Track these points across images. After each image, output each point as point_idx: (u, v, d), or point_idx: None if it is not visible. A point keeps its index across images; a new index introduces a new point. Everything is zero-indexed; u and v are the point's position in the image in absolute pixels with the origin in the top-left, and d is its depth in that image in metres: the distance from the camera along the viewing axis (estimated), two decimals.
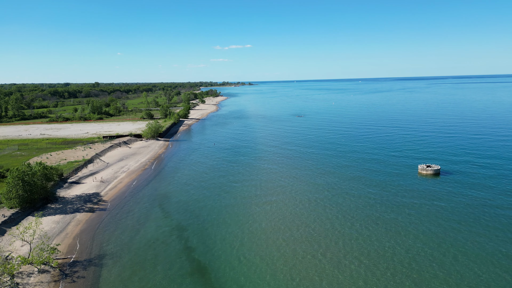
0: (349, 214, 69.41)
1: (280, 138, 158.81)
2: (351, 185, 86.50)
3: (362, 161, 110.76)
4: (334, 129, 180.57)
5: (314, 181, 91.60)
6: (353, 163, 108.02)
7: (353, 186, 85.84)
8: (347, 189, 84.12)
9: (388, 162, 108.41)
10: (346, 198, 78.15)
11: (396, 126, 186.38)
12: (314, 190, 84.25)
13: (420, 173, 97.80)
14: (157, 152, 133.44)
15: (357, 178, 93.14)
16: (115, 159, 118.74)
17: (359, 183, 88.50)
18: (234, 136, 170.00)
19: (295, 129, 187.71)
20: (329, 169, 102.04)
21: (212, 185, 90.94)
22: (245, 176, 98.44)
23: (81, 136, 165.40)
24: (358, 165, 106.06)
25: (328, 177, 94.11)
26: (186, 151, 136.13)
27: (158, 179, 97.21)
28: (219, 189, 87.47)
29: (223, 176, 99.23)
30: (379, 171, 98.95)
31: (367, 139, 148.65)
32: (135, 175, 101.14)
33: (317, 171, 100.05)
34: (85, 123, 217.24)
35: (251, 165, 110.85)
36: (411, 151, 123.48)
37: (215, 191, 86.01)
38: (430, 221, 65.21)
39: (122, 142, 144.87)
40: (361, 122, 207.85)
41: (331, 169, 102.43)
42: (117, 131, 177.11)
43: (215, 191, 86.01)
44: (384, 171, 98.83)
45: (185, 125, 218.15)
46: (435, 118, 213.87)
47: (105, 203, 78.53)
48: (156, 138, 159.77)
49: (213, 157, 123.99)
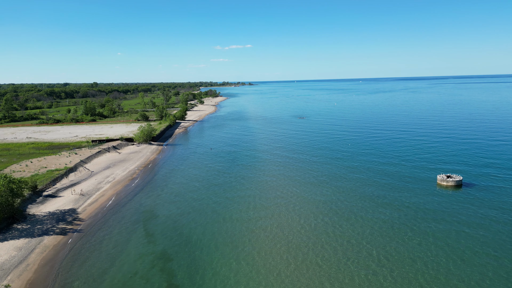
0: (358, 245, 58.81)
1: (280, 143, 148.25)
2: (361, 205, 75.53)
3: (372, 172, 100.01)
4: (339, 133, 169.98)
5: (317, 198, 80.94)
6: (362, 175, 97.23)
7: (363, 206, 74.81)
8: (356, 209, 73.27)
9: (401, 172, 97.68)
10: (354, 222, 67.33)
11: (405, 129, 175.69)
12: (318, 210, 73.52)
13: (439, 184, 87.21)
14: (149, 158, 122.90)
15: (367, 195, 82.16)
16: (101, 167, 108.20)
17: (369, 201, 77.54)
18: (232, 140, 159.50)
19: (297, 132, 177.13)
20: (334, 183, 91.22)
21: (205, 200, 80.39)
22: (242, 191, 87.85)
23: (69, 140, 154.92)
24: (368, 177, 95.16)
25: (333, 194, 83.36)
26: (179, 157, 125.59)
27: (145, 191, 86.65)
28: (212, 205, 76.94)
29: (217, 190, 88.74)
30: (392, 184, 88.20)
31: (375, 145, 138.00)
32: (120, 186, 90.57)
33: (321, 186, 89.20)
34: (76, 126, 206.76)
35: (248, 177, 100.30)
36: (425, 158, 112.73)
37: (208, 208, 75.47)
38: (462, 258, 54.55)
39: (111, 147, 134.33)
40: (367, 125, 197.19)
41: (336, 182, 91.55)
42: (108, 135, 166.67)
43: (208, 208, 75.47)
44: (397, 185, 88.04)
45: (181, 127, 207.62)
46: (445, 121, 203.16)
47: (81, 223, 67.99)
48: (149, 142, 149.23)
49: (208, 164, 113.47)
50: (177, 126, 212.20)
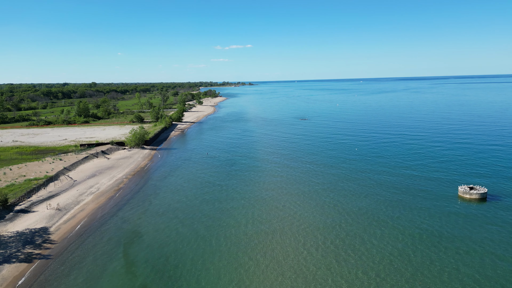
0: (370, 272, 49.39)
1: (281, 149, 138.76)
2: (371, 230, 65.80)
3: (383, 185, 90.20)
4: (343, 137, 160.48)
5: (322, 220, 71.38)
6: (372, 189, 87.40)
7: (374, 232, 65.45)
8: (366, 235, 63.71)
9: (416, 184, 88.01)
10: (364, 252, 57.97)
11: (415, 133, 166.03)
12: (323, 236, 64.01)
13: (461, 197, 77.74)
14: (139, 165, 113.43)
15: (378, 215, 72.68)
16: (86, 175, 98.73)
17: (381, 223, 67.91)
18: (230, 144, 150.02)
19: (299, 136, 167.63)
20: (341, 200, 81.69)
21: (197, 217, 70.93)
22: (238, 209, 78.48)
23: (57, 144, 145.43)
24: (379, 192, 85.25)
25: (339, 214, 73.72)
26: (172, 163, 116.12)
27: (131, 205, 77.16)
28: (204, 223, 67.50)
29: (211, 206, 79.28)
30: (407, 201, 78.60)
31: (384, 151, 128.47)
32: (104, 199, 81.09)
33: (326, 204, 79.37)
34: (67, 128, 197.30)
35: (246, 191, 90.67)
36: (442, 167, 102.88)
37: (200, 226, 66.03)
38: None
39: (100, 152, 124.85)
40: (374, 128, 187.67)
41: (343, 199, 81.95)
42: (100, 138, 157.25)
43: (200, 226, 66.03)
44: (413, 201, 78.33)
45: (178, 129, 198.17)
46: (456, 123, 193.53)
47: (52, 246, 58.54)
48: (141, 147, 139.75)
49: (203, 173, 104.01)
50: (173, 128, 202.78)
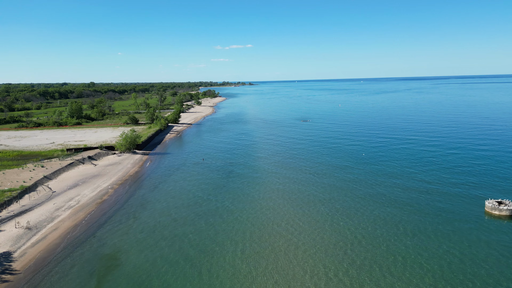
0: None
1: (282, 155, 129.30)
2: (387, 256, 56.69)
3: (396, 199, 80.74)
4: (349, 141, 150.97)
5: (330, 240, 62.10)
6: (383, 204, 77.74)
7: (391, 261, 56.11)
8: (380, 259, 54.44)
9: (434, 198, 78.56)
10: (384, 279, 48.61)
11: (426, 138, 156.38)
12: (330, 261, 54.64)
13: (489, 213, 68.37)
14: (128, 173, 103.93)
15: (393, 239, 63.41)
16: (67, 185, 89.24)
17: (400, 250, 58.74)
18: (228, 148, 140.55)
19: (301, 141, 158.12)
20: (348, 219, 71.95)
21: (187, 239, 61.53)
22: (232, 233, 69.11)
23: (43, 148, 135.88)
24: (393, 208, 75.83)
25: (349, 233, 64.29)
26: (165, 170, 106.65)
27: (112, 223, 67.69)
28: (195, 249, 58.07)
29: (204, 223, 69.91)
30: (425, 219, 69.25)
31: (394, 157, 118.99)
32: (83, 214, 71.61)
33: (333, 223, 69.85)
34: (57, 130, 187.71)
35: (245, 209, 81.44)
36: (461, 178, 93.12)
37: (190, 254, 56.60)
38: None
39: (86, 158, 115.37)
40: (380, 130, 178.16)
41: (351, 219, 72.14)
42: (90, 141, 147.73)
43: (190, 254, 56.60)
44: (432, 218, 69.10)
45: (174, 131, 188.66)
46: (468, 128, 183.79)
47: (11, 278, 49.11)
48: (133, 151, 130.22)
49: (197, 183, 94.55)
50: (169, 130, 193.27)
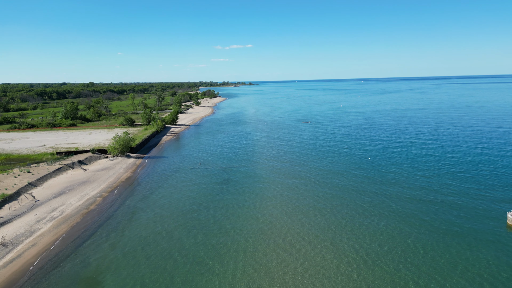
0: None
1: (283, 160, 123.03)
2: (405, 281, 50.51)
3: (410, 213, 74.51)
4: (353, 144, 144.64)
5: (338, 262, 55.82)
6: (395, 219, 71.50)
7: (395, 277, 49.78)
8: (386, 275, 48.16)
9: (446, 207, 72.39)
10: None
11: (433, 141, 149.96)
12: (333, 276, 48.38)
13: (511, 226, 62.15)
14: (119, 179, 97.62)
15: (400, 242, 57.16)
16: (52, 193, 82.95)
17: (405, 259, 52.41)
18: (227, 151, 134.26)
19: (303, 144, 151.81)
20: (358, 238, 65.73)
21: (174, 261, 55.25)
22: (227, 253, 62.90)
23: (33, 151, 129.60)
24: (406, 225, 69.64)
25: (358, 261, 58.26)
26: (159, 176, 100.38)
27: (96, 239, 61.40)
28: (182, 275, 51.79)
29: (197, 239, 63.68)
30: (435, 224, 63.03)
31: (402, 162, 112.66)
32: (65, 227, 65.34)
33: (340, 240, 63.84)
34: (50, 132, 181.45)
35: (243, 219, 75.21)
36: (476, 187, 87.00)
37: (174, 278, 50.31)
38: None
39: (76, 162, 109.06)
40: (384, 132, 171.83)
41: (360, 237, 65.99)
42: (82, 143, 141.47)
43: (174, 278, 50.31)
44: (443, 227, 62.86)
45: (171, 133, 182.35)
46: (475, 131, 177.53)
47: None
48: (126, 155, 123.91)
49: (192, 190, 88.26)
50: (166, 131, 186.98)
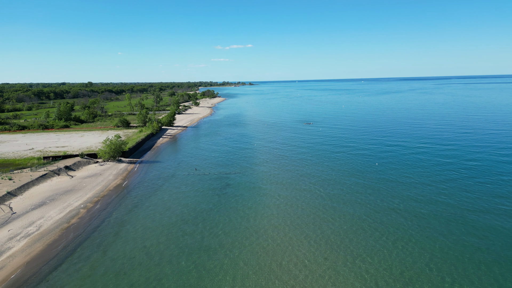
0: None
1: (284, 162, 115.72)
2: None
3: (421, 220, 67.31)
4: (357, 146, 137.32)
5: (343, 280, 48.51)
6: (403, 227, 64.63)
7: None
8: None
9: (467, 226, 65.09)
10: None
11: (443, 144, 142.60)
12: None
13: None
14: (108, 187, 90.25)
15: (420, 269, 49.89)
16: (32, 204, 75.62)
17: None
18: (225, 155, 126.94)
19: (304, 146, 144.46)
20: (365, 246, 58.68)
21: (161, 285, 47.97)
22: (220, 272, 55.58)
23: (20, 155, 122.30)
24: (415, 230, 62.60)
25: (366, 274, 50.92)
26: (151, 183, 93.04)
27: (74, 260, 54.04)
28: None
29: (185, 264, 56.42)
30: (458, 248, 55.72)
31: (412, 166, 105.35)
32: (40, 246, 57.99)
33: (345, 253, 56.61)
34: (41, 134, 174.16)
35: (235, 237, 67.97)
36: (501, 200, 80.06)
37: None
38: None
39: (63, 168, 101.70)
40: (390, 134, 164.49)
41: (368, 244, 59.05)
42: (73, 147, 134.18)
43: None
44: (467, 251, 55.53)
45: (167, 135, 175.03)
46: (485, 134, 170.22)
47: None
48: (118, 159, 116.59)
49: (186, 200, 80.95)
50: (162, 133, 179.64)
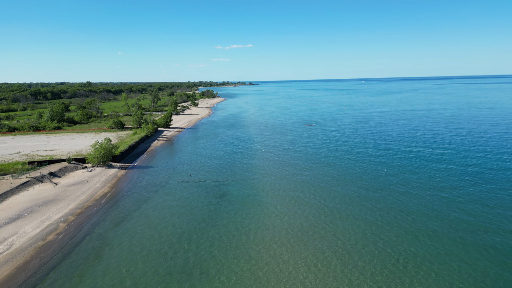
0: None
1: (285, 168, 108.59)
2: None
3: (436, 240, 60.32)
4: (363, 150, 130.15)
5: None
6: (416, 249, 57.54)
7: None
8: None
9: (490, 252, 58.06)
10: None
11: (455, 149, 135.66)
12: None
13: None
14: (94, 196, 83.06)
15: None
16: (7, 216, 68.42)
17: None
18: (222, 159, 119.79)
19: (307, 151, 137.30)
20: (373, 271, 51.59)
21: None
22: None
23: (4, 159, 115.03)
24: (431, 253, 55.56)
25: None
26: (142, 192, 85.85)
27: (48, 286, 46.88)
28: None
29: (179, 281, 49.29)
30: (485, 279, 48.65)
31: (424, 174, 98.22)
32: (8, 269, 50.72)
33: (351, 280, 49.63)
34: (32, 136, 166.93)
35: (227, 259, 60.82)
36: None
37: None
38: None
39: (47, 175, 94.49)
40: (398, 138, 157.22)
41: (376, 269, 51.99)
42: (62, 150, 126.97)
43: None
44: (491, 274, 48.48)
45: (162, 138, 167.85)
46: (497, 137, 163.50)
47: None
48: (108, 165, 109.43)
49: (176, 213, 73.81)
50: (158, 136, 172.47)
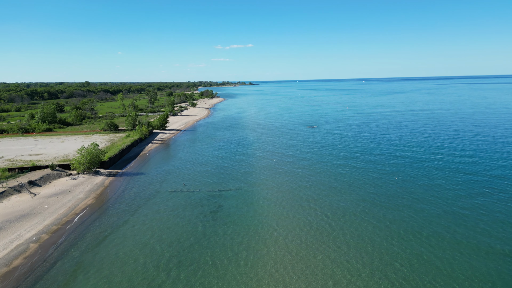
0: None
1: (286, 174, 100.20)
2: None
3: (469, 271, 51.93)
4: (370, 155, 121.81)
5: None
6: (437, 274, 49.21)
7: None
8: None
9: None
10: None
11: (469, 152, 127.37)
12: None
13: None
14: (75, 209, 74.70)
15: None
16: None
17: None
18: (218, 166, 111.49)
19: (310, 156, 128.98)
20: None
21: None
22: None
23: None
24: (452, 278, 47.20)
25: None
26: (129, 204, 77.51)
27: None
28: None
29: None
30: None
31: (439, 182, 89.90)
32: None
33: None
34: (19, 138, 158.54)
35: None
36: None
37: None
38: None
39: (25, 184, 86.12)
40: (406, 141, 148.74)
41: None
42: (49, 154, 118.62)
43: None
44: None
45: (157, 140, 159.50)
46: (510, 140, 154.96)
47: None
48: (95, 171, 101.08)
49: (165, 229, 65.47)
50: (152, 138, 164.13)
